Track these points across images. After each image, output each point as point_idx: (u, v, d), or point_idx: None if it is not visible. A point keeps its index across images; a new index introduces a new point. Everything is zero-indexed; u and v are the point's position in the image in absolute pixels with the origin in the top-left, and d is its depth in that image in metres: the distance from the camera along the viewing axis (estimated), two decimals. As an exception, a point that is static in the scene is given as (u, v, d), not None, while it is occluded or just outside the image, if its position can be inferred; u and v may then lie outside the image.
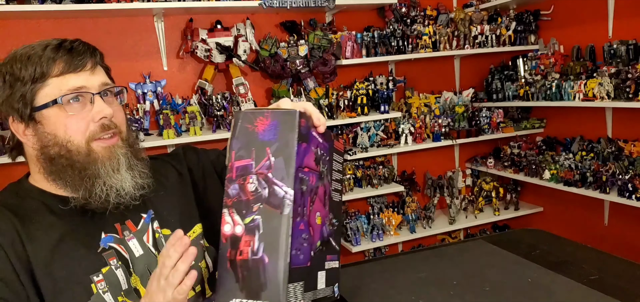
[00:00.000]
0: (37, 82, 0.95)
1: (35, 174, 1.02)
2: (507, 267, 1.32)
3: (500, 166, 3.32)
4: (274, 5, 2.65)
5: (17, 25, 2.46)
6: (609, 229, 2.94)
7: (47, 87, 0.96)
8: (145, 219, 1.06)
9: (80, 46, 0.99)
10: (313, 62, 2.83)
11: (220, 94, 2.70)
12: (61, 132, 0.97)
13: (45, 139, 0.97)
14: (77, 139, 0.97)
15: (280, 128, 0.83)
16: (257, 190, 0.82)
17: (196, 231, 1.12)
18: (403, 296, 1.19)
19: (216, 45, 2.69)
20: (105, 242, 0.99)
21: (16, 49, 1.00)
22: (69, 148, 0.97)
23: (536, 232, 1.65)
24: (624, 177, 2.52)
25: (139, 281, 1.00)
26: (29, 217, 0.96)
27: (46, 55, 0.96)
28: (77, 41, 1.00)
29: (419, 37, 3.05)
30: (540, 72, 3.06)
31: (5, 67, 0.97)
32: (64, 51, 0.97)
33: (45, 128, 0.97)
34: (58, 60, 0.96)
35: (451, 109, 3.29)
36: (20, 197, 1.00)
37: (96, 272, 0.95)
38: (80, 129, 0.97)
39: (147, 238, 1.04)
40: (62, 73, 0.96)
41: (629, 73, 2.45)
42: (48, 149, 0.97)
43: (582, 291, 1.17)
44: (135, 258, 1.01)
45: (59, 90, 0.96)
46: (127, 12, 2.57)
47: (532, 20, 3.24)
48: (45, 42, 0.98)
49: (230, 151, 0.84)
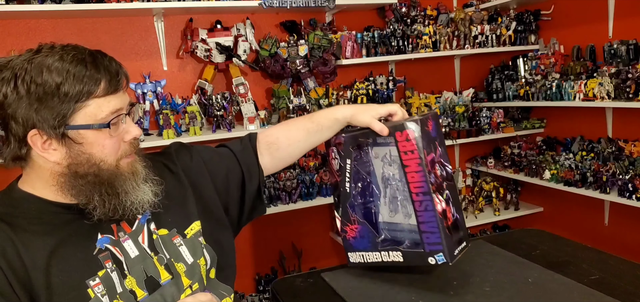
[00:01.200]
0: (80, 101, 0.92)
1: (35, 182, 0.98)
2: (507, 267, 1.32)
3: (501, 166, 3.31)
4: (274, 5, 2.65)
5: (17, 25, 2.46)
6: (609, 229, 2.94)
7: (88, 107, 0.93)
8: (141, 220, 1.05)
9: (115, 64, 0.98)
10: (313, 62, 2.83)
11: (220, 94, 2.70)
12: (97, 152, 0.95)
13: (78, 157, 0.94)
14: (110, 159, 0.97)
15: (436, 125, 1.16)
16: (442, 173, 1.15)
17: (194, 228, 1.11)
18: (403, 295, 1.19)
19: (216, 45, 2.69)
20: (102, 243, 0.99)
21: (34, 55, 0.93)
22: (101, 167, 0.96)
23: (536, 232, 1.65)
24: (624, 177, 2.52)
25: (135, 282, 0.99)
26: (23, 225, 0.94)
27: (90, 75, 0.92)
28: (107, 57, 0.98)
29: (419, 37, 3.04)
30: (540, 72, 3.06)
31: (29, 76, 0.90)
32: (104, 70, 0.95)
33: (81, 147, 0.94)
34: (102, 80, 0.94)
35: (451, 109, 3.29)
36: (13, 206, 0.97)
37: (92, 277, 0.95)
38: (115, 149, 0.98)
39: (142, 239, 1.04)
40: (104, 94, 0.94)
41: (629, 73, 2.45)
42: (78, 166, 0.95)
43: (582, 291, 1.16)
44: (131, 259, 1.00)
45: (100, 110, 0.94)
46: (127, 12, 2.57)
47: (533, 20, 3.24)
48: (76, 52, 0.94)
49: (423, 150, 1.11)
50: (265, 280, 2.98)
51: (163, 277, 1.03)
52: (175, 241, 1.07)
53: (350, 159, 1.25)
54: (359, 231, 1.27)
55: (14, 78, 0.91)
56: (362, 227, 1.26)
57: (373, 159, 1.23)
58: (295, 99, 2.75)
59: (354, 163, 1.25)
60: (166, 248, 1.06)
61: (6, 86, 0.91)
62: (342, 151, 1.26)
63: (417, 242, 1.18)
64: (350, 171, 1.26)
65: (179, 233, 1.08)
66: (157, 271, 1.02)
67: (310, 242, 3.16)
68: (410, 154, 1.13)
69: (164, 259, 1.04)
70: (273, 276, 3.03)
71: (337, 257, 3.20)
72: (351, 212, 1.28)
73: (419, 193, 1.13)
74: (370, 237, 1.26)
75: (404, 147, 1.13)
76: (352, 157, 1.25)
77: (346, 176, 1.27)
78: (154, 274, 1.02)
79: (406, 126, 1.12)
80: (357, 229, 1.27)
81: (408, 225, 1.20)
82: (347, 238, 1.30)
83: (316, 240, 3.18)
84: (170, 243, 1.07)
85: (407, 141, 1.13)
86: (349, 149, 1.24)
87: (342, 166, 1.27)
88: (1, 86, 0.91)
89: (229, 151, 1.27)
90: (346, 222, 1.29)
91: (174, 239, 1.07)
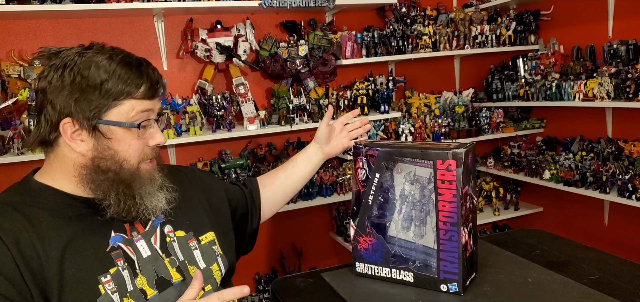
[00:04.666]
0: (118, 99, 0.97)
1: (56, 172, 1.01)
2: (507, 267, 1.32)
3: (500, 166, 3.32)
4: (274, 5, 2.65)
5: (17, 25, 2.46)
6: (609, 229, 2.94)
7: (123, 106, 0.98)
8: (154, 221, 1.07)
9: (157, 74, 1.03)
10: (313, 62, 2.83)
11: (220, 94, 2.70)
12: (123, 150, 1.00)
13: (104, 152, 0.98)
14: (132, 159, 1.01)
15: (473, 157, 1.19)
16: (470, 205, 1.19)
17: (209, 237, 1.14)
18: (403, 295, 1.19)
19: (216, 45, 2.69)
20: (115, 241, 1.00)
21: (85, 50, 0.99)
22: (123, 166, 1.00)
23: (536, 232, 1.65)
24: (624, 177, 2.52)
25: (146, 281, 1.00)
26: (38, 216, 0.96)
27: (134, 77, 0.98)
28: (151, 66, 1.03)
29: (419, 37, 3.04)
30: (540, 72, 3.06)
31: (77, 68, 0.96)
32: (147, 77, 1.00)
33: (109, 143, 0.99)
34: (143, 85, 0.99)
35: (451, 109, 3.29)
36: (29, 196, 1.00)
37: (104, 273, 0.96)
38: (139, 150, 1.01)
39: (154, 240, 1.06)
40: (142, 98, 0.99)
41: (629, 73, 2.45)
42: (102, 161, 0.99)
43: (582, 291, 1.17)
44: (142, 259, 1.02)
45: (133, 110, 0.99)
46: (127, 12, 2.57)
47: (532, 20, 3.24)
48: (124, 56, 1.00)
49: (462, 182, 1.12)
50: (265, 280, 2.98)
51: (174, 278, 1.04)
52: (190, 243, 1.10)
53: (380, 173, 1.24)
54: (373, 244, 1.27)
55: (62, 67, 0.96)
56: (377, 241, 1.27)
57: (395, 174, 1.23)
58: (295, 99, 2.75)
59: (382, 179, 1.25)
60: (181, 250, 1.08)
61: (53, 73, 0.97)
62: (373, 163, 1.25)
63: (427, 264, 1.19)
64: (377, 185, 1.25)
65: (195, 237, 1.12)
66: (168, 272, 1.04)
67: (310, 242, 3.16)
68: (448, 184, 1.13)
69: (176, 261, 1.06)
70: (273, 276, 3.03)
71: (337, 257, 3.20)
72: (368, 224, 1.27)
73: (447, 222, 1.14)
74: (383, 252, 1.26)
75: (443, 175, 1.13)
76: (383, 173, 1.24)
77: (372, 188, 1.26)
78: (164, 274, 1.03)
79: (450, 156, 1.12)
80: (372, 242, 1.27)
81: (421, 246, 1.20)
82: (358, 248, 1.30)
83: (316, 240, 3.18)
84: (186, 245, 1.10)
85: (447, 171, 1.12)
86: (382, 165, 1.24)
87: (369, 178, 1.26)
88: (49, 72, 0.97)
89: (239, 189, 1.38)
90: (361, 232, 1.29)
91: (190, 242, 1.11)
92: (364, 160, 1.27)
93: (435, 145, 1.17)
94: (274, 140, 2.98)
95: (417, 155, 1.17)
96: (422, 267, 1.20)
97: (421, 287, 1.21)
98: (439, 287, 1.18)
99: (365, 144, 1.28)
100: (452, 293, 1.17)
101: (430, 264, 1.18)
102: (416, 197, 1.19)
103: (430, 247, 1.18)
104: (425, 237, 1.19)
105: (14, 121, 2.30)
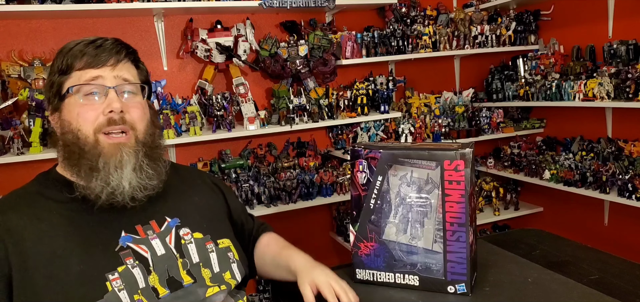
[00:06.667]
0: (65, 74, 1.03)
1: (59, 162, 1.08)
2: (507, 267, 1.32)
3: (500, 166, 3.32)
4: (274, 5, 2.65)
5: (17, 26, 2.46)
6: (609, 229, 2.95)
7: (71, 78, 1.03)
8: (170, 222, 1.08)
9: (109, 44, 1.05)
10: (313, 62, 2.83)
11: (220, 94, 2.70)
12: (74, 120, 1.02)
13: (64, 126, 1.04)
14: (85, 128, 1.02)
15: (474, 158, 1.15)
16: (474, 206, 1.20)
17: (225, 243, 1.15)
18: (403, 296, 1.19)
19: (216, 45, 2.69)
20: (124, 241, 1.01)
21: None
22: (78, 136, 1.02)
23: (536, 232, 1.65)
24: (624, 177, 2.52)
25: (158, 280, 1.00)
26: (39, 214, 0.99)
27: (76, 49, 1.04)
28: (110, 40, 1.06)
29: (419, 37, 3.05)
30: (540, 72, 3.06)
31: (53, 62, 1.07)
32: (92, 47, 1.04)
33: (64, 115, 1.04)
34: (85, 55, 1.03)
35: (451, 109, 3.29)
36: (46, 186, 1.05)
37: (112, 271, 0.96)
38: (90, 119, 1.02)
39: (169, 240, 1.06)
40: (84, 67, 1.03)
41: (629, 73, 2.45)
42: (65, 135, 1.03)
43: (582, 291, 1.17)
44: (157, 257, 1.02)
45: (77, 80, 1.02)
46: (127, 12, 2.57)
47: (532, 20, 3.24)
48: (84, 39, 1.07)
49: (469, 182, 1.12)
50: (265, 280, 2.98)
51: (185, 281, 1.04)
52: (208, 246, 1.11)
53: (382, 176, 1.20)
54: (375, 250, 1.24)
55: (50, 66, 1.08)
56: (379, 246, 1.23)
57: (390, 176, 1.20)
58: (295, 99, 2.75)
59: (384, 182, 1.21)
60: (198, 251, 1.08)
61: None
62: (375, 166, 1.20)
63: (428, 266, 1.18)
64: (379, 188, 1.21)
65: (212, 240, 1.12)
66: (179, 273, 1.04)
67: (310, 242, 3.16)
68: (456, 185, 1.12)
69: (188, 264, 1.06)
70: (273, 276, 3.02)
71: (337, 257, 3.20)
72: (369, 229, 1.23)
73: (454, 223, 1.13)
74: (386, 257, 1.23)
75: (451, 176, 1.11)
76: (385, 176, 1.20)
77: (374, 192, 1.21)
78: (175, 275, 1.03)
79: (458, 156, 1.10)
80: (374, 247, 1.24)
81: (422, 248, 1.19)
82: (359, 254, 1.26)
83: (316, 240, 3.17)
84: (203, 247, 1.10)
85: (455, 171, 1.11)
86: (384, 167, 1.20)
87: (370, 181, 1.21)
88: None
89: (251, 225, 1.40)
90: (362, 238, 1.25)
91: (207, 244, 1.11)
92: (364, 163, 1.22)
93: (439, 146, 1.15)
94: (274, 140, 2.98)
95: (423, 156, 1.15)
96: (425, 270, 1.19)
97: (427, 290, 1.19)
98: (446, 289, 1.17)
99: (365, 146, 1.23)
100: (460, 294, 1.15)
101: (432, 266, 1.17)
102: (412, 198, 1.18)
103: (430, 250, 1.17)
104: (423, 240, 1.18)
105: (14, 121, 2.30)
